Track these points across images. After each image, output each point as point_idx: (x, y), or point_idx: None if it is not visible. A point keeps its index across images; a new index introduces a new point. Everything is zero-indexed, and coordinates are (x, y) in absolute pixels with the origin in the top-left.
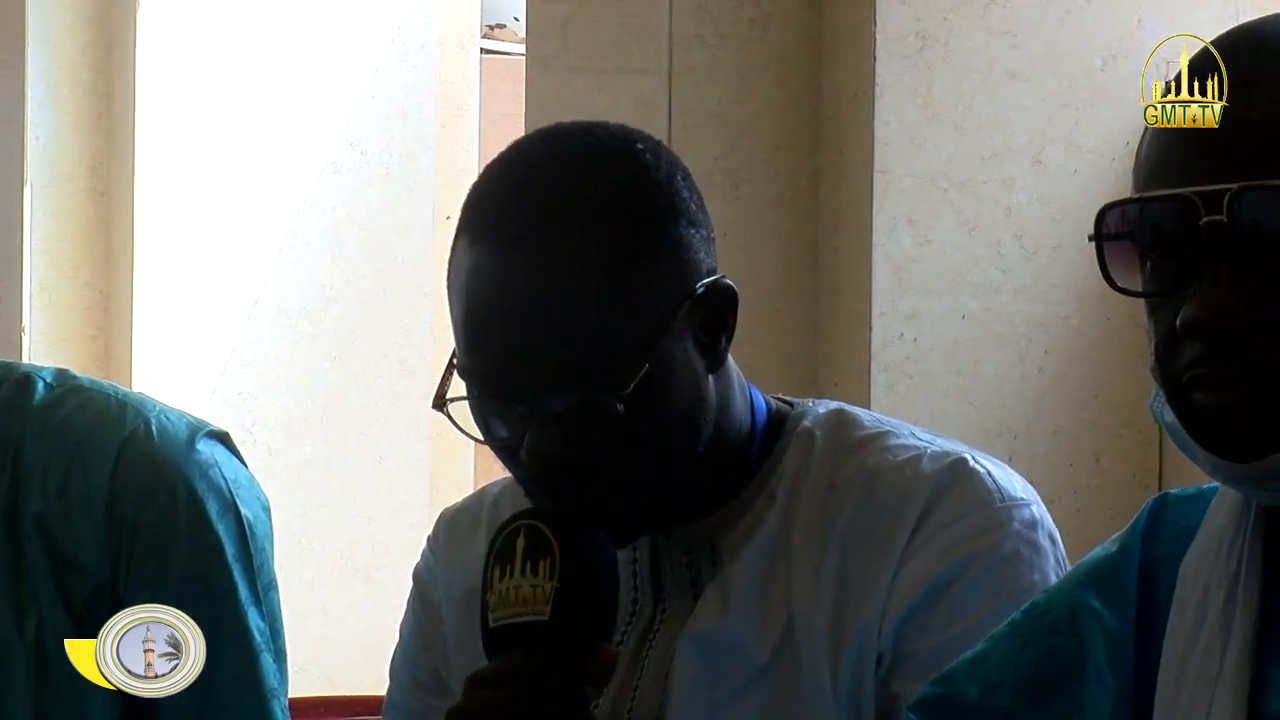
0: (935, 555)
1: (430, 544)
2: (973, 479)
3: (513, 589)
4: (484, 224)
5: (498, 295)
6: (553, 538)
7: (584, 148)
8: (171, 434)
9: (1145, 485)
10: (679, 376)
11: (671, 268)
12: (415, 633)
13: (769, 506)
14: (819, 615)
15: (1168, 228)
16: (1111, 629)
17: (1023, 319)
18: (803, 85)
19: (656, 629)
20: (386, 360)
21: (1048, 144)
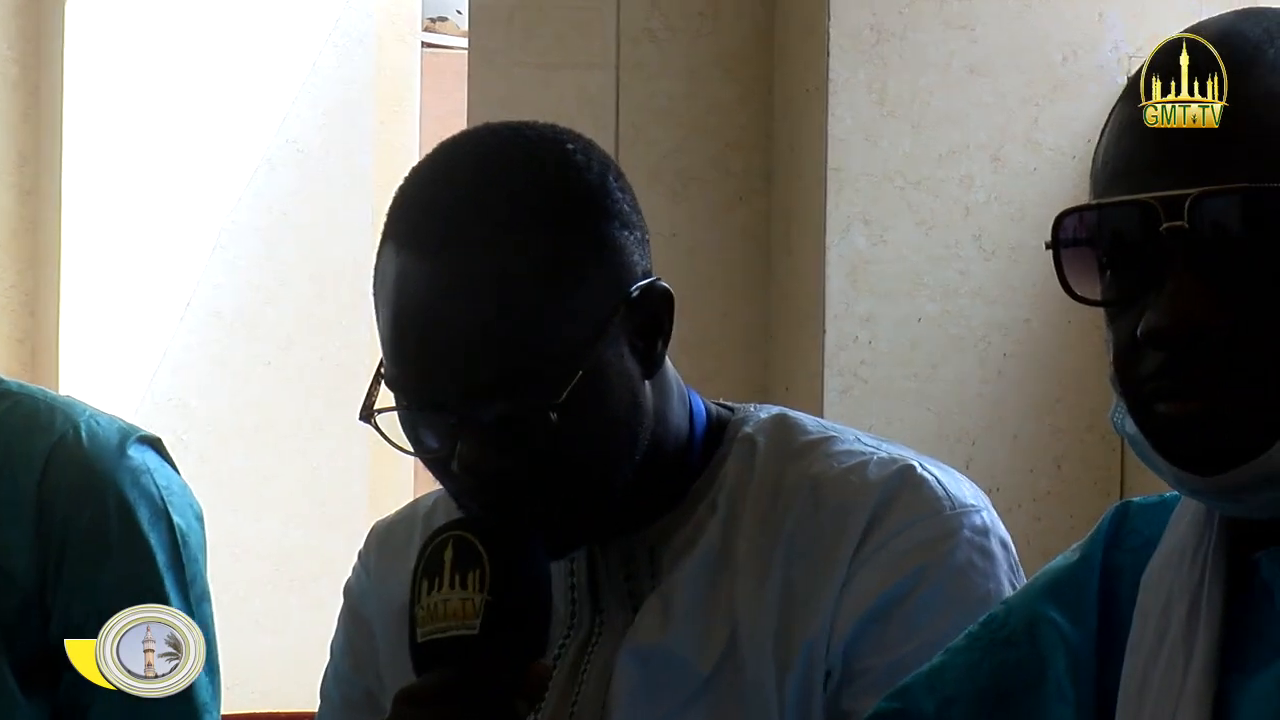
0: (885, 567)
1: (361, 559)
2: (921, 486)
3: (440, 603)
4: (409, 230)
5: (424, 304)
6: (482, 549)
7: (513, 149)
8: (102, 439)
9: (1107, 492)
10: (614, 384)
11: (605, 272)
12: (346, 651)
13: (710, 515)
14: (764, 627)
15: (1127, 234)
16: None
17: (982, 321)
18: (754, 81)
19: (595, 642)
20: (324, 364)
21: (1007, 141)
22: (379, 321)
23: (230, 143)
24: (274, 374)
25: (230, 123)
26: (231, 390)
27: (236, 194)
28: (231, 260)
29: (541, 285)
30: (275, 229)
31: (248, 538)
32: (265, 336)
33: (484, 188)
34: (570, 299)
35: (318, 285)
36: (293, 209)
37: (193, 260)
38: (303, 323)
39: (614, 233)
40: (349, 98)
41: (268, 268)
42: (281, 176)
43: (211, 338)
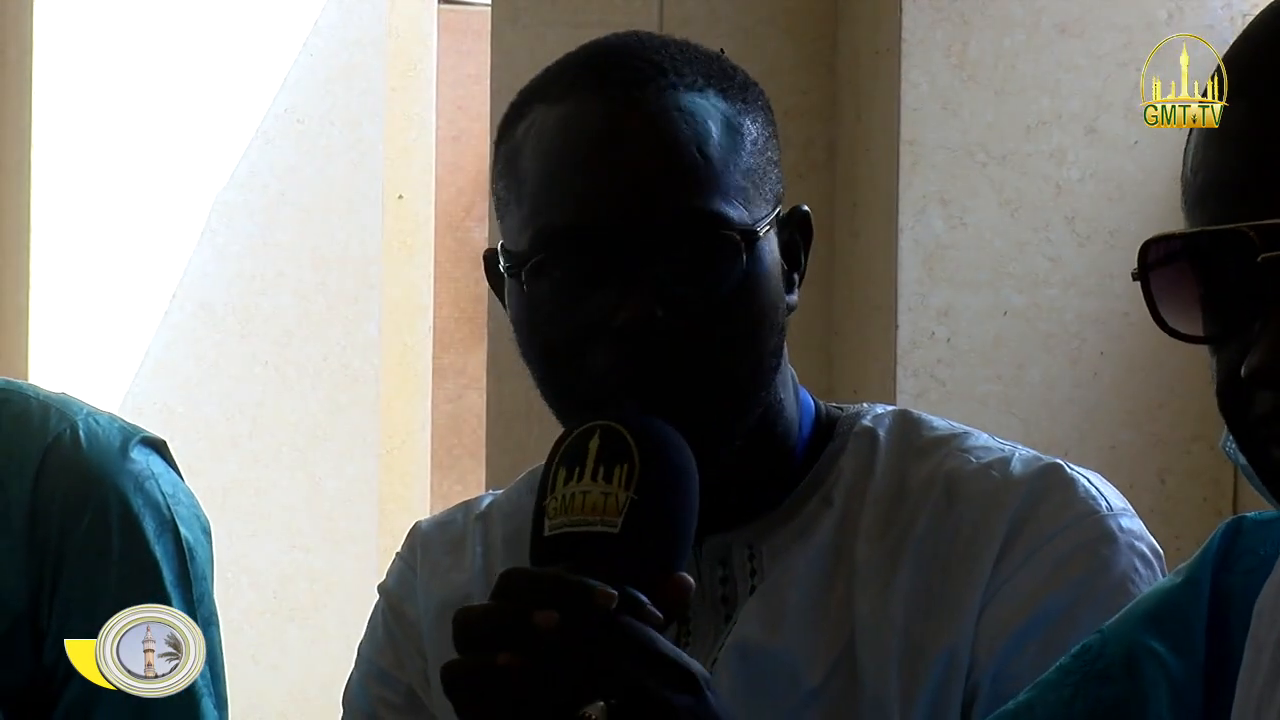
0: (1042, 573)
1: (404, 559)
2: (1071, 484)
3: (580, 494)
4: (577, 82)
5: (607, 128)
6: (633, 443)
7: (671, 37)
8: (102, 440)
9: (1217, 508)
10: (775, 284)
11: (769, 160)
12: (387, 649)
13: (823, 512)
14: (887, 635)
15: (1222, 264)
16: (1176, 675)
17: (1074, 315)
18: (817, 40)
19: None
20: (327, 364)
21: (1104, 110)
22: (518, 186)
23: (221, 113)
24: (271, 374)
25: (221, 91)
26: (222, 393)
27: (228, 171)
28: (222, 246)
29: (729, 129)
30: (272, 210)
31: (242, 560)
32: (261, 332)
33: (657, 47)
34: (759, 164)
35: (320, 274)
36: (291, 188)
37: (178, 246)
38: (303, 316)
39: (774, 136)
40: (355, 61)
41: (264, 254)
42: (279, 151)
43: (200, 334)
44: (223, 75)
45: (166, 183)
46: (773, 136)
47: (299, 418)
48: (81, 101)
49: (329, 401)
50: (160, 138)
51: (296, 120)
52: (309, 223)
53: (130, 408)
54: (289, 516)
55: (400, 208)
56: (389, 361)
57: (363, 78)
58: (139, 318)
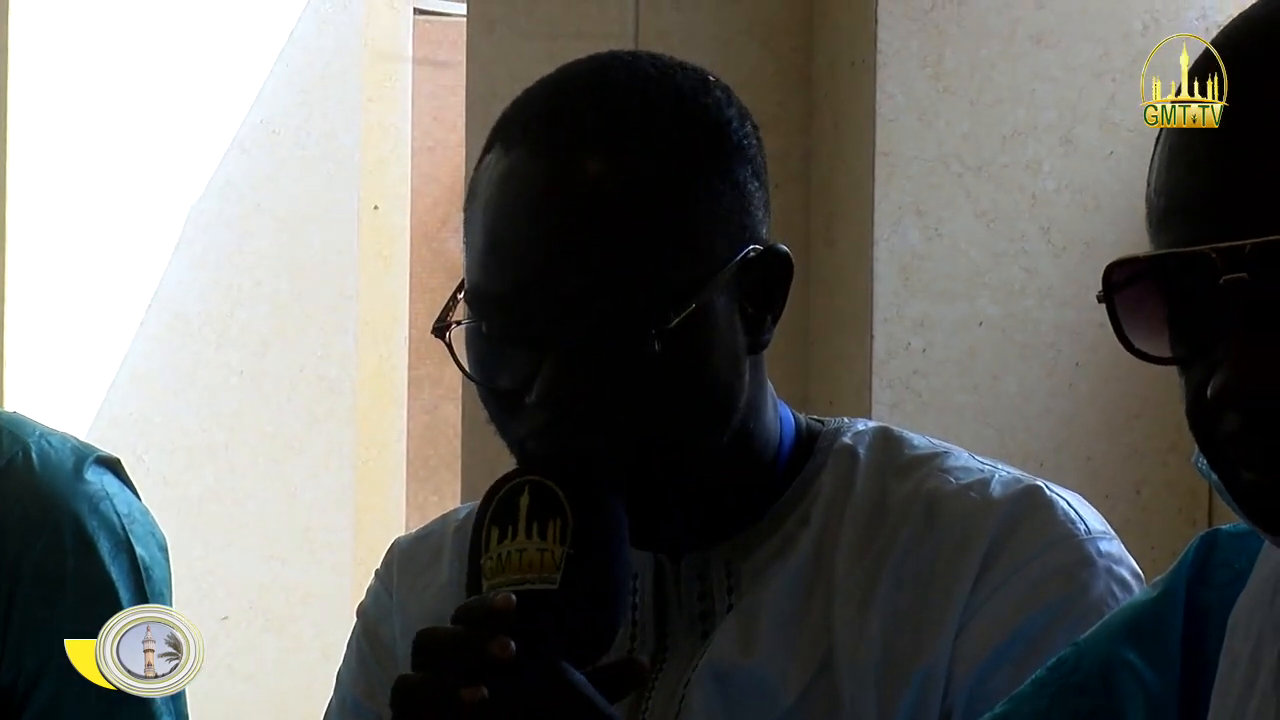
0: (1018, 597)
1: (380, 578)
2: (1050, 507)
3: (516, 552)
4: (525, 130)
5: (530, 201)
6: (564, 498)
7: (651, 68)
8: (55, 462)
9: (1193, 519)
10: (721, 337)
11: (730, 213)
12: (360, 676)
13: (801, 530)
14: (865, 654)
15: (1185, 286)
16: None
17: (1050, 326)
18: (793, 52)
19: (660, 667)
20: (303, 375)
21: (1079, 121)
22: (469, 236)
23: (197, 124)
24: (247, 385)
25: (196, 101)
26: (198, 404)
27: (204, 181)
28: (199, 256)
29: (667, 200)
30: (248, 221)
31: (217, 570)
32: (237, 342)
33: (614, 96)
34: (693, 225)
35: (296, 284)
36: (268, 198)
37: (155, 256)
38: (279, 327)
39: (745, 178)
40: (331, 71)
41: (239, 265)
42: (255, 161)
43: (176, 344)
44: (198, 86)
45: (142, 193)
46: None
47: (275, 428)
48: (57, 112)
49: (305, 412)
50: (136, 148)
51: (272, 131)
52: (285, 233)
53: (106, 418)
54: (265, 526)
55: (376, 219)
56: (365, 372)
57: (338, 89)
58: (115, 328)
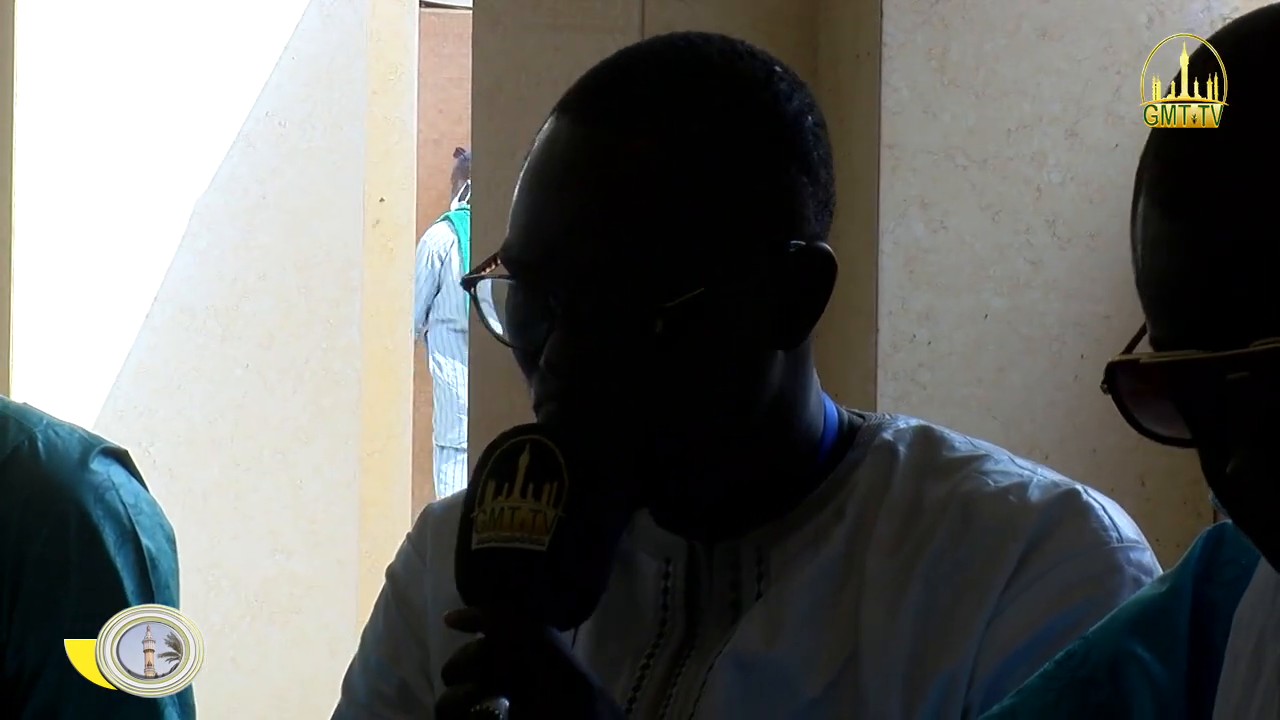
0: (1043, 600)
1: (413, 543)
2: (1086, 513)
3: (508, 509)
4: (578, 96)
5: (563, 169)
6: (563, 461)
7: (719, 54)
8: (61, 451)
9: (1199, 512)
10: (738, 330)
11: (769, 208)
12: (385, 639)
13: (835, 523)
14: (893, 651)
15: (1189, 384)
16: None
17: (1055, 318)
18: (798, 45)
19: (688, 654)
20: (309, 367)
21: (1084, 114)
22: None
23: (202, 117)
24: (252, 377)
25: (202, 94)
26: (204, 396)
27: (209, 174)
28: (204, 249)
29: (698, 182)
30: (253, 213)
31: (223, 563)
32: (242, 335)
33: (668, 77)
34: (716, 213)
35: (302, 277)
36: (273, 191)
37: (160, 249)
38: (285, 319)
39: (792, 173)
40: (336, 64)
41: (245, 257)
42: (260, 154)
43: (181, 337)
44: (204, 79)
45: (148, 186)
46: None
47: (280, 421)
48: (63, 105)
49: (310, 404)
50: (141, 141)
51: (278, 124)
52: (290, 226)
53: (111, 411)
54: (270, 519)
55: (381, 211)
56: (370, 364)
57: (344, 81)
58: (121, 321)
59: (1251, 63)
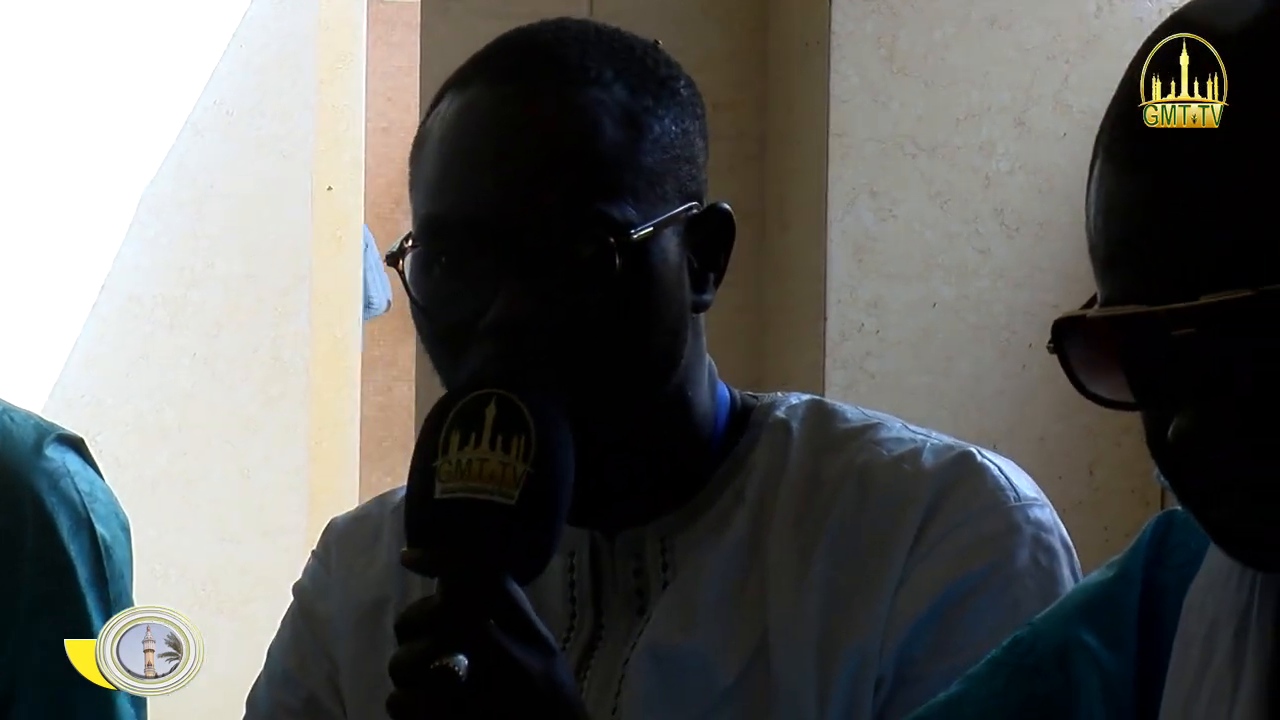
0: (944, 563)
1: (319, 557)
2: (981, 473)
3: (476, 460)
4: (479, 71)
5: (486, 128)
6: (529, 415)
7: (599, 26)
8: (16, 438)
9: (1146, 501)
10: (670, 282)
11: (679, 161)
12: (292, 651)
13: (736, 506)
14: (802, 631)
15: (1136, 339)
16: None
17: (1004, 307)
18: (747, 33)
19: (597, 646)
20: (257, 356)
21: (1033, 103)
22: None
23: (150, 104)
24: (200, 366)
25: (150, 81)
26: (151, 386)
27: (157, 163)
28: (151, 238)
29: (622, 130)
30: (201, 202)
31: (171, 553)
32: (190, 324)
33: (570, 42)
34: (646, 159)
35: (249, 266)
36: (221, 179)
37: (108, 238)
38: (233, 308)
39: (694, 132)
40: (285, 52)
41: (193, 246)
42: (208, 142)
43: (129, 326)
44: (152, 66)
45: (95, 174)
46: (692, 133)
47: (229, 409)
48: (8, 92)
49: (259, 393)
50: (89, 129)
51: (226, 112)
52: (239, 215)
53: (59, 399)
54: (219, 508)
55: (330, 200)
56: (319, 353)
57: (293, 69)
58: (68, 310)
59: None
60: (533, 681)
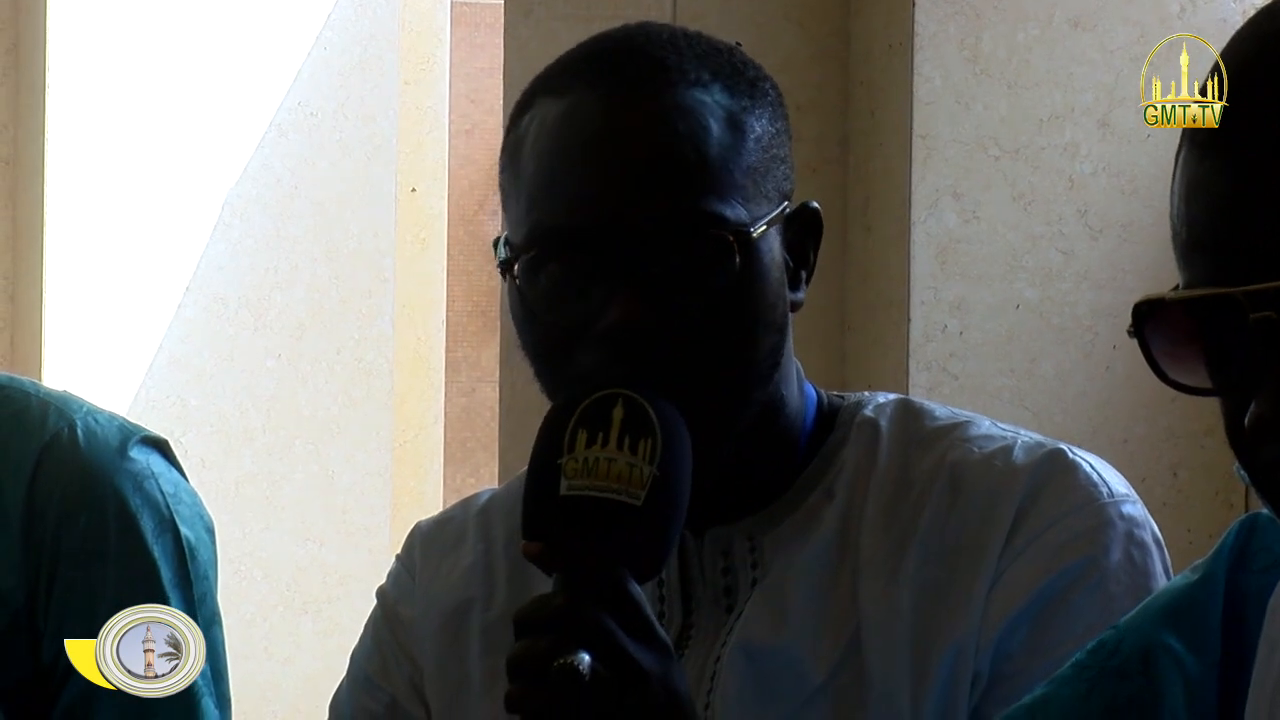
0: (1040, 560)
1: (402, 561)
2: (1074, 471)
3: (605, 460)
4: (576, 76)
5: (602, 126)
6: (655, 420)
7: (684, 30)
8: (100, 439)
9: (1230, 504)
10: (775, 281)
11: (778, 160)
12: (374, 655)
13: (825, 504)
14: (896, 629)
15: (1215, 323)
16: (1191, 673)
17: (1088, 309)
18: (829, 35)
19: (687, 644)
20: (340, 358)
21: (1116, 105)
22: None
23: (235, 107)
24: (284, 368)
25: (234, 84)
26: (236, 387)
27: (241, 165)
28: (236, 240)
29: (731, 126)
30: (285, 204)
31: (255, 553)
32: (274, 325)
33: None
34: (753, 155)
35: (333, 267)
36: (305, 181)
37: (192, 240)
38: (317, 310)
39: (784, 132)
40: (369, 54)
41: (277, 248)
42: (292, 144)
43: (214, 327)
44: (237, 69)
45: (180, 177)
46: (782, 133)
47: (312, 411)
48: (95, 97)
49: (342, 395)
50: (174, 132)
51: (310, 114)
52: (322, 217)
53: (144, 401)
54: (302, 510)
55: (413, 201)
56: (402, 355)
57: (376, 71)
58: (153, 311)
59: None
60: (651, 683)
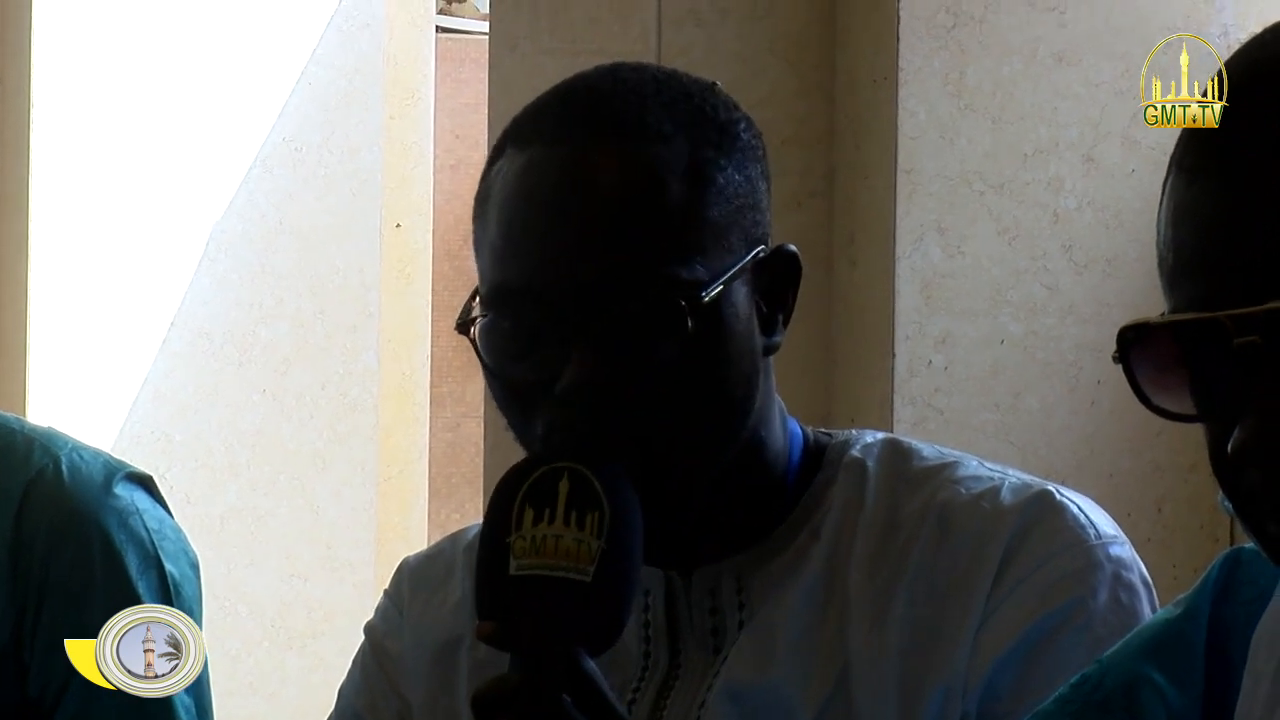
0: (1027, 602)
1: (390, 597)
2: (1061, 512)
3: (552, 538)
4: (538, 129)
5: (548, 192)
6: (602, 490)
7: (659, 72)
8: (85, 475)
9: (1216, 538)
10: (741, 331)
11: (744, 208)
12: (362, 691)
13: (812, 544)
14: (884, 670)
15: (1200, 348)
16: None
17: (1072, 344)
18: (814, 69)
19: (673, 685)
20: (325, 393)
21: (1101, 139)
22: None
23: (219, 141)
24: (269, 403)
25: (219, 119)
26: (221, 421)
27: (226, 199)
28: (221, 274)
29: (686, 186)
30: (270, 238)
31: (240, 589)
32: (259, 360)
33: (626, 94)
34: (712, 212)
35: (318, 302)
36: (290, 216)
37: (177, 274)
38: (301, 344)
39: (755, 176)
40: (354, 89)
41: (262, 282)
42: (277, 179)
43: (198, 362)
44: (222, 104)
45: (165, 211)
46: (755, 178)
47: (297, 446)
48: (80, 130)
49: (327, 430)
50: (158, 165)
51: (295, 149)
52: (307, 251)
53: (128, 436)
54: (287, 545)
55: (398, 236)
56: (387, 390)
57: (361, 106)
58: (137, 346)
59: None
60: None
